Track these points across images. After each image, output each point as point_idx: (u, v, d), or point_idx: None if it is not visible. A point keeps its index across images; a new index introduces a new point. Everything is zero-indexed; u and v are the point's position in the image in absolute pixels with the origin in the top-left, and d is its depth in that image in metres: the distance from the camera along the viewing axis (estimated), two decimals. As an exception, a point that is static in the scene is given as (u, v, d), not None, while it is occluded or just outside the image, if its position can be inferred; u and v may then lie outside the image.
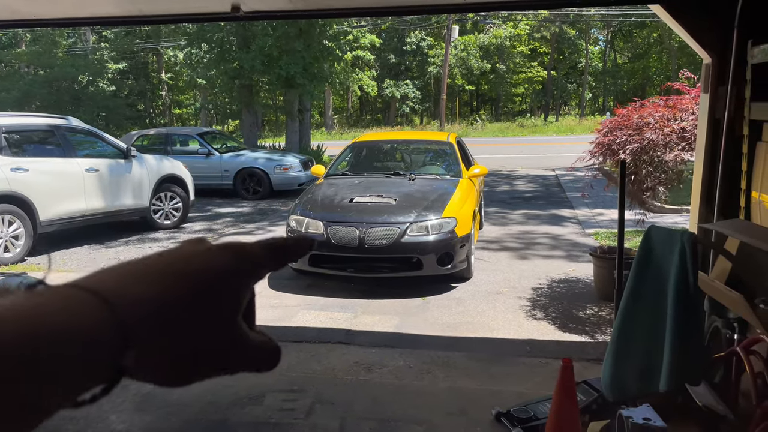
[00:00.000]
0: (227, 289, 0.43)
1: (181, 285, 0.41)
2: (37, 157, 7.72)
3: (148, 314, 0.40)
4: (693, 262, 2.10)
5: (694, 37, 3.45)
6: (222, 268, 0.43)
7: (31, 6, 3.60)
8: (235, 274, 0.44)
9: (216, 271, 0.43)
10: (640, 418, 2.43)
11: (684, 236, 2.12)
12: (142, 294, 0.40)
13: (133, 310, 0.39)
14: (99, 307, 0.38)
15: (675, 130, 4.56)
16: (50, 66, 22.72)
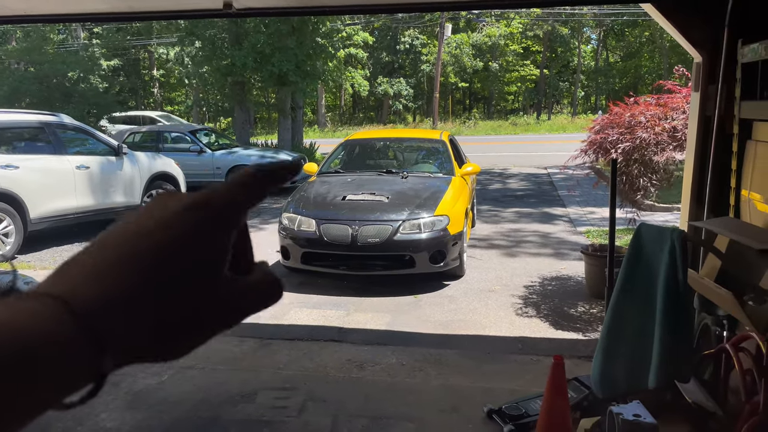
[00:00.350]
0: (199, 254, 0.40)
1: (149, 266, 0.39)
2: (28, 155, 7.66)
3: (119, 311, 0.38)
4: (683, 259, 2.12)
5: (684, 35, 3.47)
6: (190, 233, 0.40)
7: (21, 2, 3.58)
8: (203, 235, 0.41)
9: (184, 241, 0.40)
10: (631, 414, 2.44)
11: (674, 234, 2.14)
12: (110, 290, 0.38)
13: (101, 311, 0.37)
14: (66, 317, 0.36)
15: (666, 129, 4.58)
16: (41, 62, 22.56)
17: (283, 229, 6.18)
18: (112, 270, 0.38)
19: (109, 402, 3.70)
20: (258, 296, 0.44)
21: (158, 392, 3.83)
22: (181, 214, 0.41)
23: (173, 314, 0.39)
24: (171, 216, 0.41)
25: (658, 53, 36.28)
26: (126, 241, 0.40)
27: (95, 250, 0.40)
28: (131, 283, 0.38)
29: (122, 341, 0.38)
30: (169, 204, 0.42)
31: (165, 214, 0.41)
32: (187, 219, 0.41)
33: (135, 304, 0.38)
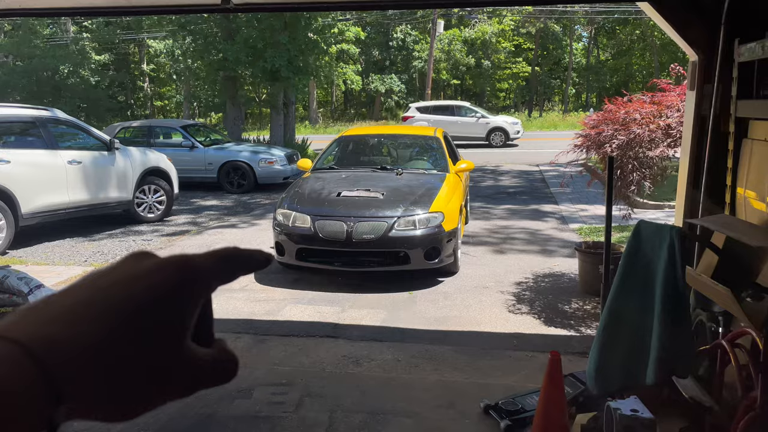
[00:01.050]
0: (170, 313, 0.39)
1: (117, 319, 0.37)
2: (19, 149, 7.61)
3: (79, 359, 0.36)
4: (681, 256, 2.14)
5: (681, 34, 3.49)
6: (163, 289, 0.39)
7: (17, -5, 3.54)
8: (179, 294, 0.40)
9: (156, 295, 0.39)
10: (628, 409, 2.47)
11: (673, 231, 2.16)
12: (73, 337, 0.36)
13: (63, 359, 0.35)
14: (23, 361, 0.34)
15: (660, 126, 4.62)
16: (30, 56, 22.35)
17: (278, 225, 6.17)
18: (76, 316, 0.37)
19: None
20: (214, 371, 0.42)
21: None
22: (159, 269, 0.40)
23: (132, 372, 0.37)
24: (147, 268, 0.40)
25: (649, 51, 36.47)
26: (96, 289, 0.39)
27: (59, 297, 0.38)
28: (95, 331, 0.37)
29: (77, 392, 0.36)
30: (144, 260, 0.41)
31: (141, 267, 0.40)
32: (164, 275, 0.40)
33: (96, 354, 0.36)
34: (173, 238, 8.40)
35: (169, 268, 0.40)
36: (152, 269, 0.40)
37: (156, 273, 0.40)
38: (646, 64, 37.77)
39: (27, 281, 4.81)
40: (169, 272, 0.40)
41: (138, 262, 0.41)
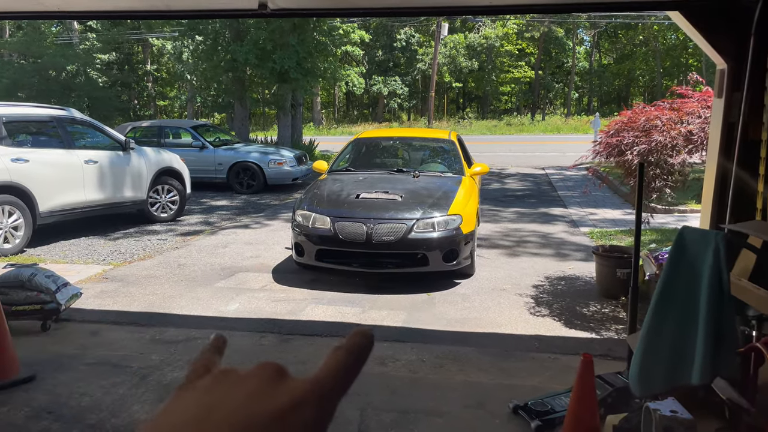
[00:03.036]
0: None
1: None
2: (38, 148, 7.67)
3: None
4: (726, 261, 2.20)
5: (710, 43, 3.56)
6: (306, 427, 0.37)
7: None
8: (319, 427, 0.37)
9: None
10: (668, 410, 2.53)
11: (718, 236, 2.22)
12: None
13: None
14: None
15: (682, 132, 4.68)
16: (39, 55, 22.40)
17: (297, 226, 6.22)
18: None
19: (139, 395, 3.75)
20: None
21: (187, 386, 3.88)
22: (296, 407, 0.37)
23: None
24: (281, 408, 0.37)
25: (652, 56, 36.57)
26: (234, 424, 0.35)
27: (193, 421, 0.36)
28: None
29: None
30: (277, 387, 0.38)
31: (275, 403, 0.37)
32: (301, 416, 0.37)
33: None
34: (188, 238, 8.46)
35: (307, 409, 0.37)
36: (287, 409, 0.37)
37: (293, 414, 0.37)
38: (649, 68, 37.87)
39: (54, 279, 4.87)
40: (307, 414, 0.37)
41: (271, 389, 0.38)
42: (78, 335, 4.81)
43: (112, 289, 6.07)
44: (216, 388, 0.38)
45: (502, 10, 4.92)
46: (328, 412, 0.38)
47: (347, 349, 0.41)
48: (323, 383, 0.39)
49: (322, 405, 0.38)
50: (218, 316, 5.33)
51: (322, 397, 0.38)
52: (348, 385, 0.40)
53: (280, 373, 0.39)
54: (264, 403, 0.36)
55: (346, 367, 0.40)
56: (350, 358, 0.41)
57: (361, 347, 0.42)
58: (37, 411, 3.56)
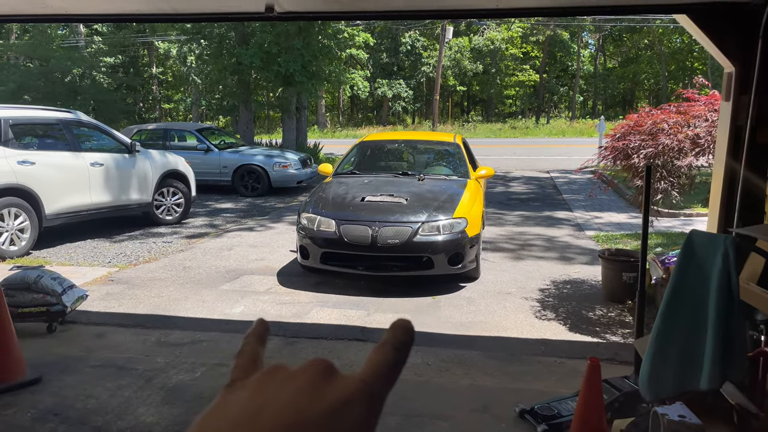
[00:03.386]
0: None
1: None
2: (44, 151, 7.69)
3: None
4: (735, 265, 2.19)
5: (717, 46, 3.55)
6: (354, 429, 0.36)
7: (63, 1, 3.62)
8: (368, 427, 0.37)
9: None
10: (676, 415, 2.51)
11: (727, 240, 2.21)
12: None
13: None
14: None
15: (689, 136, 4.67)
16: (46, 58, 22.52)
17: (302, 228, 6.23)
18: None
19: (145, 397, 3.75)
20: None
21: (193, 388, 3.88)
22: (345, 404, 0.37)
23: None
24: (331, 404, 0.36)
25: (657, 59, 36.51)
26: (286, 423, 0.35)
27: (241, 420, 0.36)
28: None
29: None
30: (328, 384, 0.38)
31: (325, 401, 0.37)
32: (351, 415, 0.37)
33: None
34: (193, 241, 8.47)
35: (356, 407, 0.37)
36: (338, 407, 0.36)
37: (343, 412, 0.36)
38: (654, 72, 37.81)
39: (60, 281, 4.88)
40: (356, 412, 0.37)
41: (321, 387, 0.37)
42: (84, 337, 4.82)
43: (117, 291, 6.08)
44: (265, 386, 0.38)
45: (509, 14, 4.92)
46: (376, 409, 0.38)
47: (391, 345, 0.41)
48: (371, 381, 0.39)
49: (371, 403, 0.38)
50: (223, 318, 5.33)
51: (371, 395, 0.38)
52: (394, 381, 0.40)
53: (330, 370, 0.39)
54: (314, 400, 0.36)
55: (391, 364, 0.40)
56: (395, 354, 0.41)
57: (405, 342, 0.41)
58: (44, 413, 3.56)
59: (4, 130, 7.22)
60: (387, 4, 3.53)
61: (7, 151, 7.14)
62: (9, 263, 6.80)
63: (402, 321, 0.42)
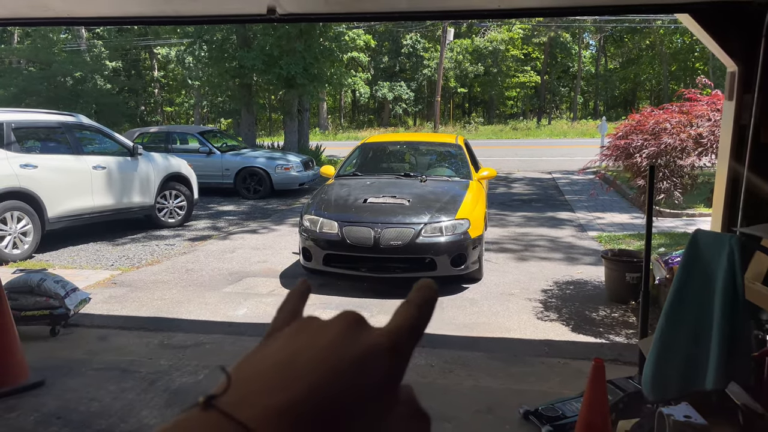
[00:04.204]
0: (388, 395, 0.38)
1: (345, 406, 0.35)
2: (46, 154, 7.70)
3: None
4: (741, 265, 2.18)
5: (720, 45, 3.54)
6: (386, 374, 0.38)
7: (65, 4, 3.62)
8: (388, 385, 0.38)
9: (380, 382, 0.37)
10: (681, 415, 2.50)
11: (732, 240, 2.20)
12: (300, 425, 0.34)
13: None
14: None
15: (691, 135, 4.65)
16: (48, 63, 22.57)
17: (305, 230, 6.22)
18: (303, 398, 0.35)
19: (148, 400, 3.74)
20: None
21: (196, 391, 3.87)
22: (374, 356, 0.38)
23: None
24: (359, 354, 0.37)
25: (658, 60, 36.48)
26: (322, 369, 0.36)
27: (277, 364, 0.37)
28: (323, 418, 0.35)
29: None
30: (359, 336, 0.39)
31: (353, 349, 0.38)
32: (377, 367, 0.38)
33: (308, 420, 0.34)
34: (195, 243, 8.47)
35: (385, 357, 0.38)
36: (367, 356, 0.37)
37: (372, 361, 0.37)
38: (656, 72, 37.77)
39: (63, 284, 4.88)
40: (385, 362, 0.38)
41: (352, 337, 0.38)
42: (87, 340, 4.82)
43: (120, 294, 6.08)
44: (299, 334, 0.39)
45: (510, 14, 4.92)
46: (404, 361, 0.39)
47: (416, 302, 0.42)
48: (398, 333, 0.40)
49: (398, 354, 0.39)
50: (226, 321, 5.33)
51: (399, 347, 0.39)
52: (419, 336, 0.41)
53: (360, 322, 0.40)
54: (345, 349, 0.37)
55: (416, 319, 0.41)
56: (419, 310, 0.42)
57: (428, 299, 0.42)
58: (47, 416, 3.56)
59: (6, 134, 7.23)
60: (389, 5, 3.53)
61: (9, 154, 7.16)
62: (12, 267, 6.80)
63: (426, 281, 0.44)
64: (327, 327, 0.39)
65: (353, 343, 0.38)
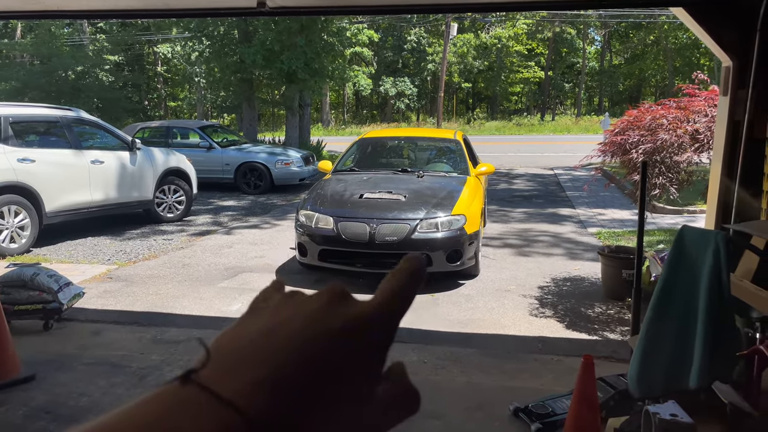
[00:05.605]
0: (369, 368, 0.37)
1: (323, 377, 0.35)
2: (44, 148, 7.70)
3: (281, 404, 0.33)
4: (727, 262, 2.15)
5: (715, 39, 3.49)
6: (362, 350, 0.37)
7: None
8: (375, 353, 0.38)
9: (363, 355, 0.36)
10: (668, 414, 2.47)
11: (718, 236, 2.17)
12: (280, 397, 0.33)
13: (277, 426, 0.32)
14: (234, 428, 0.31)
15: (688, 131, 4.61)
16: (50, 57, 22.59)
17: (300, 226, 6.21)
18: (286, 369, 0.34)
19: (137, 395, 3.72)
20: (397, 412, 0.39)
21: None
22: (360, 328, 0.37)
23: (330, 425, 0.35)
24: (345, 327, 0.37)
25: (663, 56, 36.28)
26: (305, 337, 0.36)
27: (258, 336, 0.36)
28: (307, 390, 0.34)
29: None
30: (341, 308, 0.38)
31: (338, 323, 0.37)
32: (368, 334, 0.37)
33: (302, 413, 0.34)
34: (193, 238, 8.47)
35: (371, 328, 0.37)
36: (353, 327, 0.37)
37: (359, 332, 0.37)
38: (660, 68, 37.57)
39: (56, 279, 4.87)
40: (371, 333, 0.37)
41: (337, 309, 0.38)
42: (79, 335, 4.82)
43: (115, 288, 6.08)
44: (283, 307, 0.39)
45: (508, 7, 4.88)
46: (390, 333, 0.39)
47: (402, 273, 0.41)
48: (385, 304, 0.39)
49: (384, 325, 0.38)
50: (220, 316, 5.32)
51: (385, 317, 0.39)
52: (406, 307, 0.40)
53: (345, 293, 0.40)
54: (331, 320, 0.37)
55: (404, 289, 0.40)
56: (406, 281, 0.41)
57: (415, 270, 0.41)
58: (36, 411, 3.55)
59: (4, 128, 7.23)
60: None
61: (7, 148, 7.15)
62: (7, 261, 6.81)
63: (414, 253, 0.43)
64: (311, 299, 0.39)
65: (338, 313, 0.37)
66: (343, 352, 0.36)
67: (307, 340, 0.35)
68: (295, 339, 0.35)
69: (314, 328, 0.36)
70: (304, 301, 0.39)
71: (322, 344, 0.35)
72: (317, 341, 0.35)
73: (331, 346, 0.35)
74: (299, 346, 0.35)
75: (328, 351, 0.35)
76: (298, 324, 0.36)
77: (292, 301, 0.39)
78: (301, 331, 0.36)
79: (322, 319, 0.37)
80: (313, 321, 0.37)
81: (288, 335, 0.36)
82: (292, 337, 0.35)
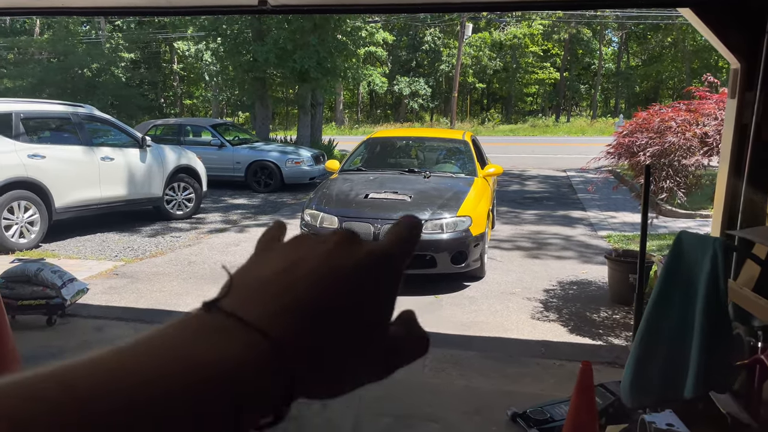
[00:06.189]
0: (386, 297, 0.40)
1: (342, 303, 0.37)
2: (54, 144, 7.76)
3: (309, 347, 0.35)
4: (724, 269, 2.09)
5: (722, 41, 3.42)
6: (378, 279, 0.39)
7: (59, -6, 3.61)
8: (393, 281, 0.40)
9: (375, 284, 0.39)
10: (664, 423, 2.42)
11: (716, 243, 2.11)
12: (302, 321, 0.35)
13: (299, 350, 0.34)
14: (259, 350, 0.33)
15: (697, 134, 4.53)
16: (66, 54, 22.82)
17: (305, 225, 6.20)
18: (307, 299, 0.36)
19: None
20: (408, 351, 0.42)
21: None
22: (376, 264, 0.39)
23: (346, 353, 0.37)
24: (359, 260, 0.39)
25: (680, 59, 35.87)
26: (322, 273, 0.38)
27: (274, 273, 0.38)
28: (325, 319, 0.36)
29: (305, 379, 0.35)
30: (353, 247, 0.40)
31: (357, 258, 0.39)
32: (378, 271, 0.39)
33: (321, 339, 0.36)
34: (201, 236, 8.49)
35: (380, 267, 0.40)
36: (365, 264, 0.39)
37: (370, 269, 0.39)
38: (677, 70, 37.15)
39: (60, 275, 4.90)
40: (381, 271, 0.39)
41: (348, 248, 0.39)
42: (82, 331, 4.84)
43: (120, 285, 6.11)
44: (297, 247, 0.40)
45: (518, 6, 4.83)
46: (397, 274, 0.41)
47: (401, 225, 0.43)
48: (391, 247, 0.41)
49: (391, 265, 0.40)
50: (223, 314, 5.31)
51: (393, 259, 0.41)
52: (409, 254, 0.42)
53: (355, 236, 0.41)
54: (344, 258, 0.39)
55: (405, 238, 0.42)
56: (406, 232, 0.43)
57: (412, 224, 0.44)
58: (33, 406, 3.56)
59: (15, 124, 7.29)
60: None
61: (17, 144, 7.22)
62: (11, 256, 6.87)
63: (408, 214, 0.46)
64: (324, 241, 0.41)
65: (350, 253, 0.39)
66: (357, 286, 0.38)
67: (323, 275, 0.37)
68: (312, 275, 0.37)
69: (330, 264, 0.38)
70: (317, 242, 0.41)
71: (338, 279, 0.37)
72: (333, 277, 0.37)
73: (346, 280, 0.38)
74: (316, 280, 0.37)
75: (343, 284, 0.37)
76: (314, 263, 0.38)
77: (304, 243, 0.41)
78: (317, 269, 0.38)
79: (338, 255, 0.39)
80: (328, 259, 0.38)
81: (305, 272, 0.37)
82: (309, 273, 0.37)
